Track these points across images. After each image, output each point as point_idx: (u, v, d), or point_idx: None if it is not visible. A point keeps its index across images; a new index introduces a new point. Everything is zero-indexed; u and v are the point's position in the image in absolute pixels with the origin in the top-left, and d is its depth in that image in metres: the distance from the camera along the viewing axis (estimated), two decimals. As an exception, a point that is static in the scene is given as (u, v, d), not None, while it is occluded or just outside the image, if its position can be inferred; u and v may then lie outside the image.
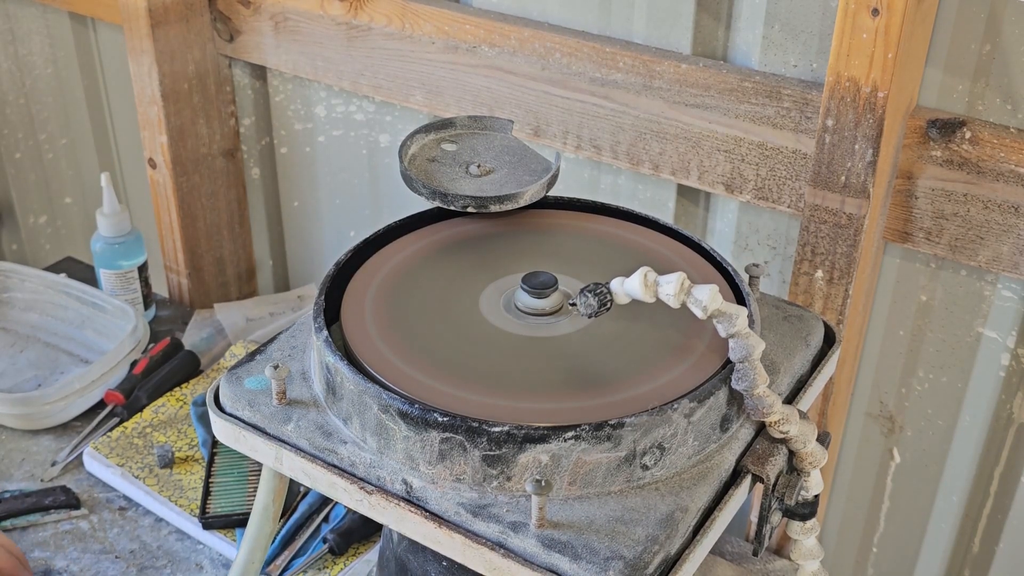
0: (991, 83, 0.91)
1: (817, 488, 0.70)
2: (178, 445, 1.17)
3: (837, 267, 0.97)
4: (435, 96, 1.20)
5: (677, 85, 1.02)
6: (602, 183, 1.17)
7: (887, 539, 1.15)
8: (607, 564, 0.59)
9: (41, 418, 1.21)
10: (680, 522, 0.62)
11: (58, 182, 1.80)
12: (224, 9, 1.34)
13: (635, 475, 0.64)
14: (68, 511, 1.10)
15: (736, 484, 0.67)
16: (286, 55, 1.31)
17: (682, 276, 0.64)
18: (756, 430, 0.69)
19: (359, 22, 1.22)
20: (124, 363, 1.28)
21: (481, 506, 0.63)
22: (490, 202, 0.78)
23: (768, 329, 0.77)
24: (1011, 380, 1.00)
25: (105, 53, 1.60)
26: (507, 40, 1.11)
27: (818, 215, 0.96)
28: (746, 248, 1.10)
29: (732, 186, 1.03)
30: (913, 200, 0.96)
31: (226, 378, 0.73)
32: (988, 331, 1.00)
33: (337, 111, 1.36)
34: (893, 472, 1.11)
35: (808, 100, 0.96)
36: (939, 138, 0.92)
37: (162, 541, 1.08)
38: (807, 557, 0.75)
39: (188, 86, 1.37)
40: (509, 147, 0.85)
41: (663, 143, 1.06)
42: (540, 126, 1.13)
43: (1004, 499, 1.06)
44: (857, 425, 1.11)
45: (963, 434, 1.05)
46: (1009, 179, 0.90)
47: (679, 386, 0.66)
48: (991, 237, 0.93)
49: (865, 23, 0.86)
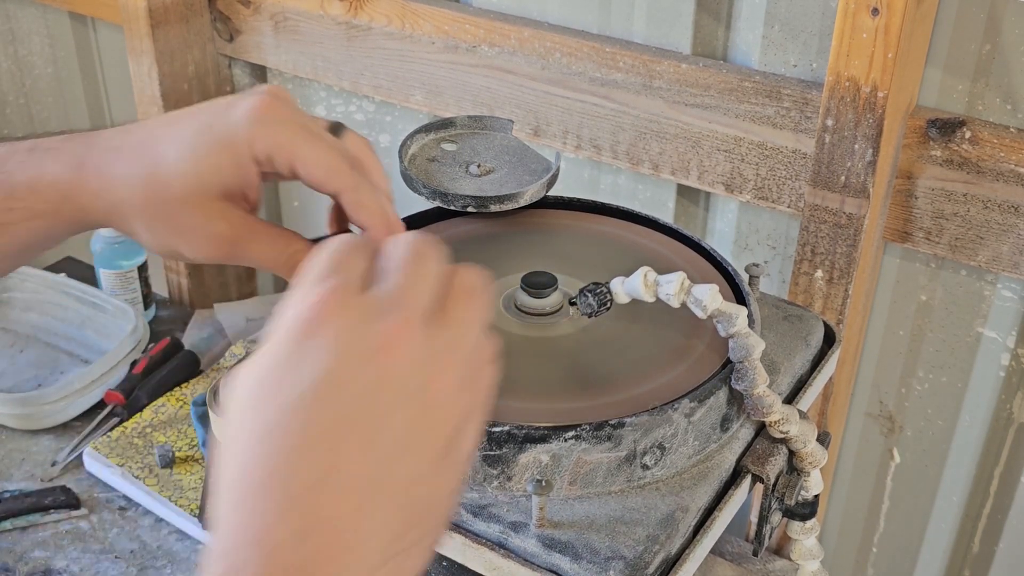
0: (991, 83, 0.91)
1: (817, 488, 0.70)
2: (178, 445, 1.17)
3: (837, 267, 0.97)
4: (435, 96, 1.20)
5: (677, 85, 1.02)
6: (602, 183, 1.17)
7: (887, 539, 1.15)
8: (607, 564, 0.59)
9: (41, 418, 1.21)
10: (680, 522, 0.62)
11: (58, 182, 1.80)
12: (224, 9, 1.34)
13: (635, 475, 0.64)
14: (68, 511, 1.10)
15: (736, 484, 0.67)
16: (286, 55, 1.31)
17: (682, 276, 0.64)
18: (756, 430, 0.69)
19: (359, 22, 1.22)
20: (124, 363, 1.27)
21: (481, 506, 0.63)
22: (490, 202, 0.78)
23: (768, 329, 0.77)
24: (1011, 380, 1.00)
25: (105, 53, 1.60)
26: (507, 40, 1.11)
27: (818, 215, 0.96)
28: (746, 248, 1.10)
29: (732, 186, 1.03)
30: (913, 200, 0.96)
31: (226, 378, 0.73)
32: (988, 331, 1.00)
33: (337, 111, 1.36)
34: (893, 472, 1.11)
35: (808, 100, 0.96)
36: (939, 138, 0.92)
37: (162, 541, 1.08)
38: (807, 557, 0.75)
39: (188, 86, 1.37)
40: (509, 147, 0.85)
41: (663, 143, 1.06)
42: (540, 126, 1.13)
43: (1004, 499, 1.06)
44: (857, 425, 1.11)
45: (963, 434, 1.05)
46: (1009, 179, 0.90)
47: (679, 386, 0.66)
48: (991, 237, 0.93)
49: (865, 23, 0.86)
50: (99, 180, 0.63)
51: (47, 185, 0.63)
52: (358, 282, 0.47)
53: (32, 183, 0.63)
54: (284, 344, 0.47)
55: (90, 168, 0.63)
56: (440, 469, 0.47)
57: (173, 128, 0.63)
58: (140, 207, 0.62)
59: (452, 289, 0.48)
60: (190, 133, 0.62)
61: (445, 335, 0.47)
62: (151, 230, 0.63)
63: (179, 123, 0.63)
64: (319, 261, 0.48)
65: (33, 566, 1.04)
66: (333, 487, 0.44)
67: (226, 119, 0.62)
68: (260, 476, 0.44)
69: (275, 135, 0.62)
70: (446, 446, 0.47)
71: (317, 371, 0.45)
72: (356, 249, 0.48)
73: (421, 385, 0.46)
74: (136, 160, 0.62)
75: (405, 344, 0.46)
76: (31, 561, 1.05)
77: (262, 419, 0.45)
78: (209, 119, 0.62)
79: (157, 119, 0.65)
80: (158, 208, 0.62)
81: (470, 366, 0.48)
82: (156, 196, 0.62)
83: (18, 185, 0.63)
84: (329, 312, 0.46)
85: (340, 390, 0.45)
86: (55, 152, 0.64)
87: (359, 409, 0.45)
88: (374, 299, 0.47)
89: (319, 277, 0.47)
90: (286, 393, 0.45)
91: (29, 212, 0.64)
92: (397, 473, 0.45)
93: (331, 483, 0.44)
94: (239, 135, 0.61)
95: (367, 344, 0.46)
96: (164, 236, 0.63)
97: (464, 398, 0.48)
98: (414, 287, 0.47)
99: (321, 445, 0.44)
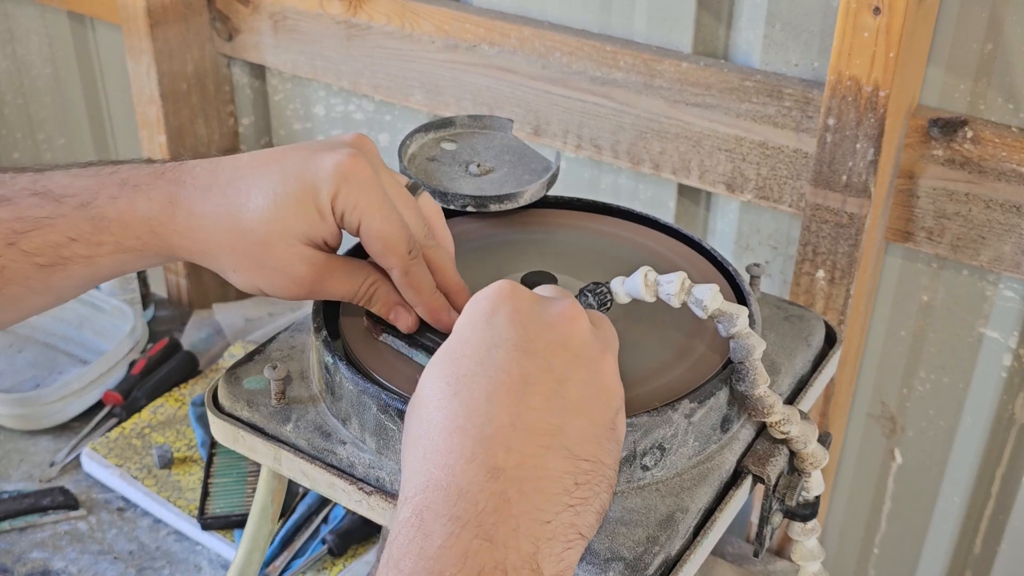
0: (993, 82, 0.91)
1: (818, 489, 0.70)
2: (177, 446, 1.17)
3: (838, 267, 0.96)
4: (435, 95, 1.20)
5: (678, 84, 1.02)
6: (602, 182, 1.17)
7: (889, 540, 1.15)
8: (607, 565, 0.59)
9: (39, 418, 1.21)
10: (680, 523, 0.62)
11: (57, 182, 1.79)
12: (223, 8, 1.34)
13: (635, 475, 0.63)
14: (66, 512, 1.10)
15: (737, 485, 0.66)
16: (285, 54, 1.31)
17: (683, 276, 0.64)
18: (757, 431, 0.69)
19: (358, 21, 1.22)
20: (123, 363, 1.27)
21: (480, 507, 0.63)
22: (490, 201, 0.77)
23: (769, 329, 0.77)
24: (1013, 381, 1.00)
25: (104, 53, 1.60)
26: (507, 39, 1.11)
27: (819, 215, 0.96)
28: (747, 248, 1.09)
29: (733, 185, 1.03)
30: (915, 200, 0.95)
31: (224, 378, 0.73)
32: (990, 331, 0.99)
33: (336, 110, 1.36)
34: (895, 473, 1.11)
35: (809, 99, 0.95)
36: (941, 137, 0.92)
37: (160, 542, 1.08)
38: (808, 558, 0.74)
39: (187, 86, 1.37)
40: (509, 146, 0.84)
41: (664, 142, 1.05)
42: (540, 125, 1.13)
43: (1006, 500, 1.05)
44: (858, 426, 1.11)
45: (965, 435, 1.05)
46: (1011, 178, 0.90)
47: (679, 386, 0.66)
48: (993, 237, 0.92)
49: (866, 22, 0.86)
50: (188, 220, 0.65)
51: (138, 222, 0.65)
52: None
53: (123, 219, 0.65)
54: (468, 325, 0.55)
55: (180, 207, 0.65)
56: (606, 439, 0.54)
57: (261, 171, 0.65)
58: (227, 248, 0.65)
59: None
60: (277, 179, 0.64)
61: (603, 330, 0.58)
62: (237, 270, 0.66)
63: (267, 166, 0.65)
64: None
65: (31, 567, 1.04)
66: (521, 431, 0.51)
67: (313, 170, 0.64)
68: (455, 423, 0.51)
69: (354, 196, 0.64)
70: (612, 419, 0.55)
71: (504, 334, 0.54)
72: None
73: (593, 357, 0.55)
74: (224, 201, 0.65)
75: (580, 319, 0.56)
76: (29, 562, 1.04)
77: (455, 374, 0.53)
78: (297, 167, 0.65)
79: (246, 158, 0.67)
80: (243, 250, 0.65)
81: (616, 343, 0.59)
82: (242, 239, 0.64)
83: (109, 220, 0.65)
84: (508, 294, 0.56)
85: (526, 348, 0.53)
86: (146, 189, 0.66)
87: (543, 366, 0.53)
88: (540, 295, 0.58)
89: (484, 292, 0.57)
90: (478, 351, 0.53)
91: (117, 247, 0.66)
92: (572, 428, 0.52)
93: (519, 428, 0.51)
94: (322, 189, 0.64)
95: (546, 317, 0.55)
96: (249, 275, 0.66)
97: (620, 386, 0.57)
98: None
99: (511, 394, 0.52)
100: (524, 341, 0.54)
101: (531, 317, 0.55)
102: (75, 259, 0.65)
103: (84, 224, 0.65)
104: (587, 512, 0.52)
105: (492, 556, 0.48)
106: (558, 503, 0.50)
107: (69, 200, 0.65)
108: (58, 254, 0.65)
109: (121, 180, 0.66)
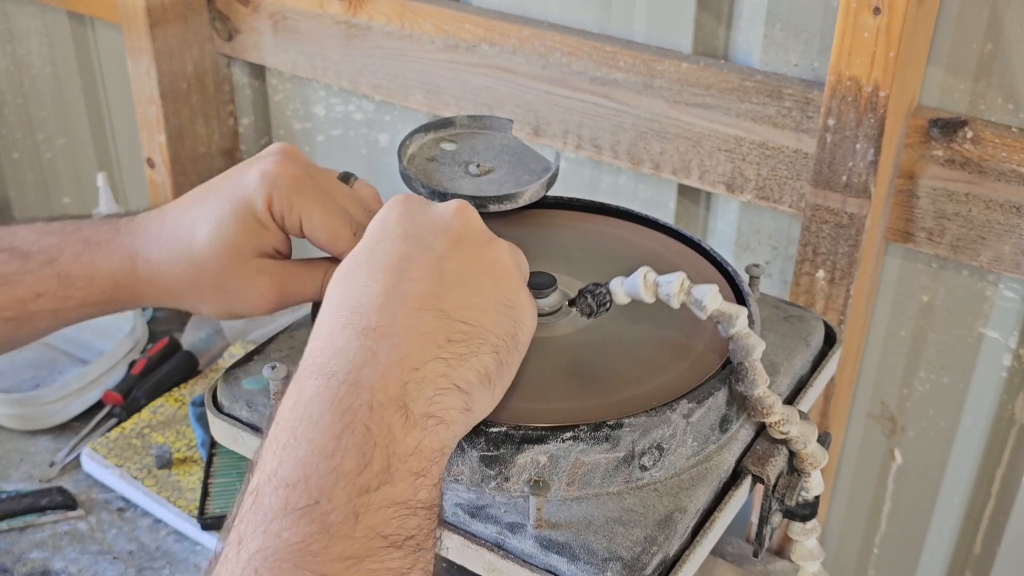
0: (993, 82, 0.91)
1: (818, 489, 0.70)
2: (176, 446, 1.17)
3: (838, 267, 0.96)
4: (435, 95, 1.20)
5: (678, 84, 1.02)
6: (602, 183, 1.16)
7: (888, 540, 1.15)
8: (605, 565, 0.59)
9: (39, 418, 1.21)
10: (679, 523, 0.62)
11: (56, 182, 1.79)
12: (223, 8, 1.34)
13: (633, 476, 0.63)
14: (65, 512, 1.10)
15: (736, 485, 0.66)
16: (285, 54, 1.31)
17: (682, 276, 0.64)
18: (756, 431, 0.69)
19: (358, 21, 1.22)
20: (122, 363, 1.27)
21: (479, 507, 0.63)
22: (489, 202, 0.77)
23: (768, 329, 0.77)
24: (1013, 381, 1.00)
25: (103, 52, 1.60)
26: (507, 39, 1.11)
27: (819, 215, 0.95)
28: (747, 248, 1.09)
29: (733, 186, 1.03)
30: (915, 200, 0.95)
31: (224, 378, 0.73)
32: (990, 331, 0.99)
33: (336, 110, 1.36)
34: (894, 473, 1.11)
35: (809, 99, 0.95)
36: (941, 138, 0.92)
37: (160, 542, 1.08)
38: (808, 558, 0.74)
39: (187, 85, 1.37)
40: (509, 146, 0.84)
41: (664, 142, 1.05)
42: (540, 125, 1.13)
43: (1006, 500, 1.05)
44: (858, 426, 1.11)
45: (965, 435, 1.05)
46: (1011, 179, 0.90)
47: (678, 386, 0.66)
48: (993, 237, 0.92)
49: (866, 22, 0.86)
50: (147, 268, 0.69)
51: (104, 278, 0.70)
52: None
53: (88, 275, 0.69)
54: (367, 232, 0.61)
55: (139, 258, 0.70)
56: (494, 310, 0.58)
57: (199, 204, 0.70)
58: (188, 286, 0.69)
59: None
60: (214, 205, 0.68)
61: (513, 248, 0.63)
62: (204, 302, 0.70)
63: (204, 197, 0.70)
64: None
65: (31, 567, 1.04)
66: (395, 297, 0.56)
67: (243, 185, 0.68)
68: (338, 301, 0.56)
69: (287, 197, 0.68)
70: (507, 297, 0.59)
71: (391, 228, 0.59)
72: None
73: (479, 242, 0.60)
74: (175, 243, 0.69)
75: (467, 212, 0.60)
76: (29, 562, 1.04)
77: (345, 267, 0.58)
78: (228, 188, 0.69)
79: (186, 197, 0.71)
80: (204, 283, 0.69)
81: (520, 255, 0.63)
82: (198, 273, 0.68)
83: (75, 277, 0.69)
84: (400, 200, 0.61)
85: (410, 236, 0.58)
86: (107, 246, 0.70)
87: (423, 247, 0.58)
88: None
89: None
90: (367, 246, 0.59)
91: (83, 301, 0.70)
92: (449, 295, 0.57)
93: (393, 295, 0.56)
94: (256, 199, 0.68)
95: (434, 211, 0.60)
96: (217, 303, 0.70)
97: (518, 273, 0.61)
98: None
99: (389, 271, 0.57)
100: (410, 230, 0.59)
101: (419, 213, 0.60)
102: (41, 313, 0.69)
103: (51, 280, 0.68)
104: (463, 367, 0.55)
105: (358, 397, 0.52)
106: (427, 354, 0.54)
107: (36, 256, 0.68)
108: (25, 308, 0.68)
109: (84, 238, 0.70)
